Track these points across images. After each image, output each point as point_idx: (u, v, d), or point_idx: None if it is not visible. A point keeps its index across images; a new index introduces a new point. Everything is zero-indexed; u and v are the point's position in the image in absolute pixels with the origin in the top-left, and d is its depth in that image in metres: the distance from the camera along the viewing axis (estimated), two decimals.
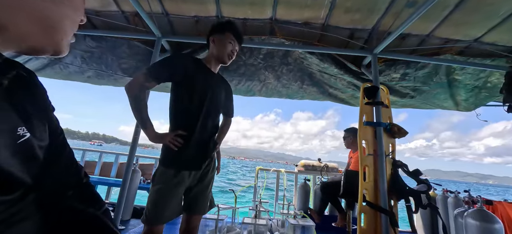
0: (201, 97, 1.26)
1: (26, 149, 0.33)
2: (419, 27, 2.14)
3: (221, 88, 1.40)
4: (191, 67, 1.28)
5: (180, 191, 1.22)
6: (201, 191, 1.30)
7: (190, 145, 1.23)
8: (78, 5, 0.41)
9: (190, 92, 1.25)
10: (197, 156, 1.27)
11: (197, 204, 1.29)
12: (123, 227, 2.51)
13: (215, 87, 1.34)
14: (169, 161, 1.22)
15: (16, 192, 0.31)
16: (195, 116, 1.25)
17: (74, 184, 0.42)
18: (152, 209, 1.16)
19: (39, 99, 0.38)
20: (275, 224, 2.66)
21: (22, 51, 0.36)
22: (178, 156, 1.21)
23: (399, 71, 2.57)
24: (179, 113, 1.26)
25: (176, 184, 1.19)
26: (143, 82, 1.18)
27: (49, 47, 0.38)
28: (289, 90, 3.15)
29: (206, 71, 1.33)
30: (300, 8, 2.06)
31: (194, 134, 1.24)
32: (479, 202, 2.17)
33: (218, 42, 1.33)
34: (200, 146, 1.27)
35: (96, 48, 2.60)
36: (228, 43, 1.33)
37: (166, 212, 1.16)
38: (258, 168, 3.60)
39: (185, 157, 1.22)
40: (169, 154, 1.22)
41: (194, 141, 1.24)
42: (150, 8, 2.12)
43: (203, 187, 1.30)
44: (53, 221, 0.38)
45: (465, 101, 2.93)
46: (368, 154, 2.10)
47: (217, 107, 1.36)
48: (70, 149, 0.43)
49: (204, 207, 1.32)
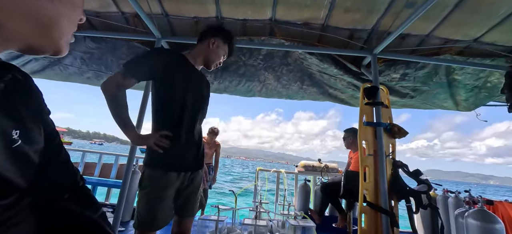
0: (184, 94, 1.18)
1: (21, 152, 0.33)
2: (418, 27, 2.15)
3: (204, 85, 1.34)
4: (172, 62, 1.20)
5: (170, 193, 1.15)
6: (192, 193, 1.24)
7: (177, 144, 1.15)
8: (76, 3, 0.40)
9: (172, 89, 1.17)
10: (186, 156, 1.20)
11: (188, 207, 1.24)
12: (123, 228, 2.50)
13: (199, 83, 1.30)
14: (156, 163, 1.15)
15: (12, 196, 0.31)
16: (179, 114, 1.17)
17: (70, 187, 0.42)
18: (144, 214, 1.10)
19: (35, 102, 0.38)
20: (276, 225, 2.65)
21: (21, 51, 0.36)
22: (165, 157, 1.13)
23: (399, 72, 2.57)
24: (162, 112, 1.18)
25: (165, 186, 1.13)
26: (121, 80, 1.11)
27: (48, 47, 0.38)
28: (289, 91, 3.15)
29: (189, 67, 1.27)
30: (300, 8, 2.06)
31: (181, 133, 1.17)
32: (480, 202, 2.16)
33: (215, 47, 1.32)
34: (189, 145, 1.22)
35: (96, 49, 2.60)
36: (219, 52, 1.32)
37: (159, 216, 1.11)
38: (259, 168, 3.60)
39: (172, 157, 1.15)
40: (155, 155, 1.14)
41: (181, 140, 1.17)
42: (150, 9, 2.12)
43: (194, 189, 1.25)
44: (49, 225, 0.38)
45: (465, 101, 2.92)
46: (368, 154, 2.10)
47: (203, 104, 1.30)
48: (66, 152, 0.43)
49: (195, 208, 1.28)
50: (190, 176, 1.23)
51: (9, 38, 0.33)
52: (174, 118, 1.17)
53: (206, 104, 1.34)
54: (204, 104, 1.32)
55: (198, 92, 1.28)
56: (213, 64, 1.33)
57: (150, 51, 1.29)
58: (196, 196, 1.28)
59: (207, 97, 1.36)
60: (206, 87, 1.36)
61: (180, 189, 1.21)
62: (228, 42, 1.34)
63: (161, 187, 1.13)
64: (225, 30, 1.35)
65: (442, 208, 2.90)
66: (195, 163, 1.25)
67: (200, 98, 1.28)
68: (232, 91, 3.16)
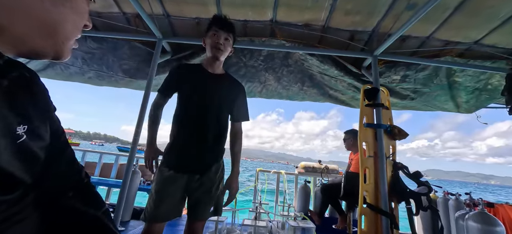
0: (191, 102, 1.28)
1: (27, 148, 0.33)
2: (419, 29, 2.15)
3: (223, 88, 1.35)
4: (184, 74, 1.34)
5: (176, 191, 1.21)
6: (202, 197, 1.26)
7: (182, 149, 1.25)
8: (80, 9, 0.40)
9: (181, 99, 1.31)
10: (192, 159, 1.25)
11: (197, 209, 1.27)
12: (123, 228, 2.50)
13: (213, 88, 1.30)
14: (164, 162, 1.27)
15: (17, 191, 0.32)
16: (184, 121, 1.28)
17: (75, 184, 0.42)
18: (149, 207, 1.21)
19: (41, 99, 0.39)
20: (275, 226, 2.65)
21: (22, 54, 0.36)
22: (172, 158, 1.26)
23: (399, 73, 2.57)
24: (173, 120, 1.31)
25: (170, 183, 1.22)
26: (158, 100, 1.33)
27: (50, 50, 0.38)
28: (290, 92, 3.15)
29: (200, 75, 1.32)
30: (301, 10, 2.06)
31: (185, 139, 1.26)
32: (480, 205, 2.16)
33: (206, 42, 1.33)
34: (197, 150, 1.25)
35: (97, 49, 2.61)
36: (211, 36, 1.29)
37: (161, 209, 1.18)
38: (259, 169, 3.60)
39: (178, 160, 1.25)
40: (165, 155, 1.28)
41: (186, 145, 1.25)
42: (151, 9, 2.13)
43: (204, 193, 1.26)
44: (53, 221, 0.38)
45: (466, 103, 2.92)
46: (369, 155, 2.10)
47: (215, 109, 1.30)
48: (71, 149, 0.43)
49: (205, 213, 1.28)
50: (199, 179, 1.25)
51: (11, 41, 0.33)
52: (180, 123, 1.29)
53: (221, 106, 1.33)
54: (218, 107, 1.31)
55: (208, 96, 1.29)
56: (211, 51, 1.29)
57: (171, 70, 1.40)
58: (206, 200, 1.28)
59: (225, 99, 1.35)
60: (229, 89, 1.37)
61: (189, 190, 1.25)
62: (209, 27, 1.31)
63: (166, 183, 1.21)
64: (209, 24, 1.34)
65: (443, 210, 2.89)
66: (203, 167, 1.27)
67: (211, 101, 1.29)
68: None
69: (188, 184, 1.24)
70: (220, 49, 1.28)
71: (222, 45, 1.29)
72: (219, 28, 1.28)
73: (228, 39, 1.31)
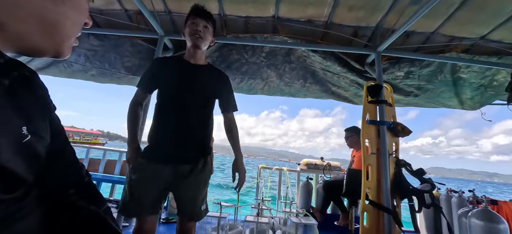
0: (169, 93, 1.28)
1: (29, 148, 0.33)
2: (423, 25, 2.11)
3: (204, 78, 1.32)
4: (163, 67, 1.33)
5: (154, 181, 1.18)
6: (185, 191, 1.24)
7: (161, 139, 1.25)
8: (80, 6, 0.40)
9: (162, 92, 1.30)
10: (171, 149, 1.22)
11: (183, 206, 1.24)
12: (127, 224, 2.53)
13: (194, 78, 1.28)
14: (142, 153, 1.27)
15: (18, 190, 0.32)
16: (165, 114, 1.27)
17: (76, 182, 0.42)
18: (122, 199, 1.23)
19: (41, 98, 0.39)
20: (277, 222, 2.66)
21: (22, 52, 0.36)
22: (150, 149, 1.26)
23: (403, 70, 2.54)
24: (154, 114, 1.31)
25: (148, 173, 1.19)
26: (137, 97, 1.31)
27: (49, 48, 0.38)
28: (292, 89, 3.14)
29: (181, 65, 1.30)
30: (303, 6, 2.04)
31: (164, 129, 1.26)
32: (484, 202, 2.14)
33: (185, 33, 1.31)
34: (175, 140, 1.23)
35: (99, 46, 2.62)
36: (189, 25, 1.28)
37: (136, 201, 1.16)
38: (261, 166, 3.61)
39: (156, 150, 1.24)
40: (145, 147, 1.28)
41: (165, 135, 1.25)
42: (153, 6, 2.12)
43: (187, 186, 1.23)
44: (55, 219, 0.38)
45: (471, 100, 2.89)
46: (371, 152, 2.09)
47: (196, 100, 1.28)
48: (72, 147, 0.44)
49: (191, 211, 1.24)
50: (183, 174, 1.22)
51: (11, 38, 0.33)
52: (160, 114, 1.28)
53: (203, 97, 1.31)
54: (199, 98, 1.29)
55: (187, 87, 1.26)
56: (190, 40, 1.28)
57: (149, 66, 1.37)
58: (190, 195, 1.24)
59: (207, 89, 1.32)
60: (207, 79, 1.33)
61: (171, 183, 1.21)
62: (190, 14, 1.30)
63: (144, 173, 1.19)
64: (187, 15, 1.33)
65: (446, 208, 2.88)
66: (185, 159, 1.24)
67: (191, 92, 1.27)
68: (234, 89, 3.14)
69: (170, 177, 1.20)
70: (200, 37, 1.26)
71: (201, 32, 1.26)
72: (197, 15, 1.27)
73: (207, 27, 1.28)
